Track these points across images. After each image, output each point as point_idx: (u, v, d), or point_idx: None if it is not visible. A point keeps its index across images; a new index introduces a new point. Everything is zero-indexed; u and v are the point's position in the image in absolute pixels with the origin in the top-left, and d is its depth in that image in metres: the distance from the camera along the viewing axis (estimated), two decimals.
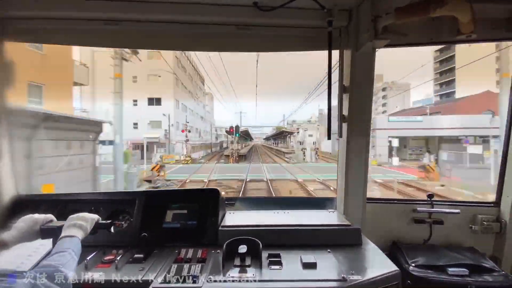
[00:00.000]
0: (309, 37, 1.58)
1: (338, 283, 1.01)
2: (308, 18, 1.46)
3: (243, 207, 1.80)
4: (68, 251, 0.88)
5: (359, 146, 1.65)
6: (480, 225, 1.78)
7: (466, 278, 1.43)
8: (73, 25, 1.49)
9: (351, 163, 1.67)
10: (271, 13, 1.39)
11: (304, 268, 1.10)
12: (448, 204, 1.85)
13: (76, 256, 0.90)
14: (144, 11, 1.42)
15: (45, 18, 1.45)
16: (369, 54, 1.52)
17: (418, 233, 1.82)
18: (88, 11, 1.42)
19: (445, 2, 1.21)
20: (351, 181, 1.69)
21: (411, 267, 1.51)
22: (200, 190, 1.60)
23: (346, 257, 1.19)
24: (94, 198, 1.58)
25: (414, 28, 1.47)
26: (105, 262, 1.11)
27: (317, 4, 1.34)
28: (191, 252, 1.20)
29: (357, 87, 1.58)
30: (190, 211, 1.41)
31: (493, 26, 1.47)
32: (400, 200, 1.93)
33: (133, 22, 1.49)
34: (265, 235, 1.25)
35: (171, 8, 1.41)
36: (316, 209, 1.74)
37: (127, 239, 1.25)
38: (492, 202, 1.86)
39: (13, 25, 1.46)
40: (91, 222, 1.08)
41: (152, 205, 1.43)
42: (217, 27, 1.52)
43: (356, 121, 1.62)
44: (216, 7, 1.42)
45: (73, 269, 0.86)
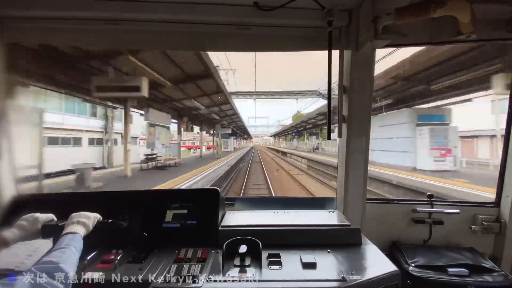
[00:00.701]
0: (309, 37, 1.58)
1: (338, 283, 1.01)
2: (308, 18, 1.46)
3: (243, 207, 1.80)
4: (69, 248, 0.88)
5: (359, 146, 1.65)
6: (480, 225, 1.78)
7: (466, 278, 1.43)
8: (73, 25, 1.49)
9: (351, 163, 1.67)
10: (271, 13, 1.39)
11: (304, 268, 1.10)
12: (448, 204, 1.85)
13: (77, 252, 0.90)
14: (144, 11, 1.42)
15: (45, 18, 1.45)
16: (369, 54, 1.53)
17: (417, 233, 1.82)
18: (88, 11, 1.42)
19: (445, 3, 1.22)
20: (351, 181, 1.69)
21: (411, 267, 1.52)
22: (200, 190, 1.60)
23: (346, 257, 1.19)
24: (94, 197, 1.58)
25: (414, 28, 1.48)
26: (105, 262, 1.11)
27: (317, 4, 1.35)
28: (191, 252, 1.20)
29: (357, 88, 1.58)
30: (190, 211, 1.41)
31: (493, 26, 1.47)
32: (400, 200, 1.93)
33: (133, 22, 1.49)
34: (265, 235, 1.25)
35: (171, 8, 1.41)
36: (316, 209, 1.74)
37: (127, 239, 1.25)
38: (492, 202, 1.87)
39: (13, 25, 1.47)
40: (93, 219, 1.09)
41: (152, 205, 1.43)
42: (217, 27, 1.52)
43: (356, 121, 1.62)
44: (216, 7, 1.42)
45: (74, 265, 0.86)
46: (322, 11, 1.39)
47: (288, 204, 1.84)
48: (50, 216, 1.09)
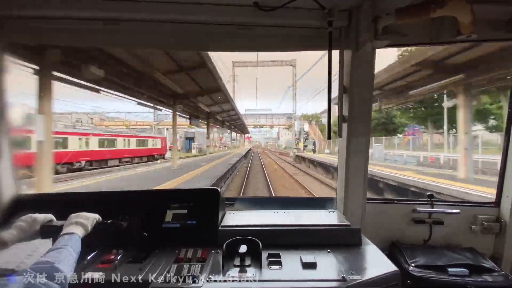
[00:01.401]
0: (309, 37, 1.58)
1: (338, 283, 1.01)
2: (308, 18, 1.46)
3: (243, 207, 1.80)
4: (65, 248, 0.88)
5: (359, 146, 1.65)
6: (480, 226, 1.78)
7: (466, 278, 1.43)
8: (73, 25, 1.50)
9: (351, 163, 1.67)
10: (271, 13, 1.39)
11: (304, 268, 1.10)
12: (448, 205, 1.85)
13: (74, 252, 0.90)
14: (144, 11, 1.42)
15: (45, 18, 1.45)
16: (369, 54, 1.53)
17: (418, 233, 1.82)
18: (88, 11, 1.42)
19: (445, 3, 1.22)
20: (351, 181, 1.69)
21: (411, 267, 1.52)
22: (200, 190, 1.60)
23: (346, 257, 1.19)
24: (94, 197, 1.58)
25: (414, 29, 1.48)
26: (104, 262, 1.11)
27: (317, 4, 1.35)
28: (191, 252, 1.20)
29: (357, 87, 1.58)
30: (190, 211, 1.41)
31: (493, 27, 1.47)
32: (400, 200, 1.93)
33: (133, 22, 1.49)
34: (265, 235, 1.25)
35: (172, 8, 1.41)
36: (316, 209, 1.74)
37: (127, 239, 1.25)
38: (492, 202, 1.87)
39: (13, 25, 1.47)
40: (92, 220, 1.08)
41: (152, 205, 1.43)
42: (218, 27, 1.53)
43: (356, 121, 1.62)
44: (217, 7, 1.42)
45: (71, 265, 0.85)
46: (322, 11, 1.39)
47: (288, 204, 1.84)
48: (49, 216, 1.09)
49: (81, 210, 1.09)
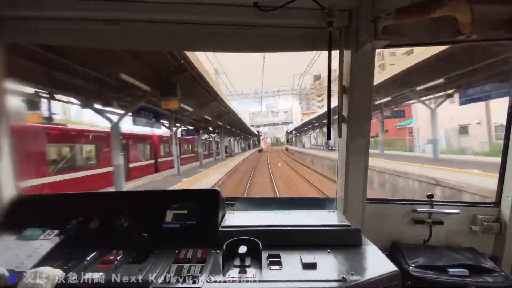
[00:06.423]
0: (309, 37, 1.58)
1: (338, 284, 1.01)
2: (308, 18, 1.46)
3: (243, 207, 1.80)
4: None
5: (359, 147, 1.65)
6: (480, 226, 1.78)
7: (466, 278, 1.43)
8: (73, 25, 1.49)
9: (351, 164, 1.67)
10: (271, 13, 1.39)
11: (304, 269, 1.10)
12: (448, 205, 1.85)
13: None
14: (144, 11, 1.42)
15: (45, 18, 1.45)
16: (369, 54, 1.53)
17: (418, 233, 1.82)
18: (88, 11, 1.42)
19: (445, 3, 1.22)
20: (351, 181, 1.69)
21: (411, 268, 1.52)
22: (200, 190, 1.60)
23: (346, 257, 1.19)
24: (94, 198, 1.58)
25: (414, 29, 1.48)
26: (105, 263, 1.11)
27: (317, 4, 1.35)
28: (191, 252, 1.20)
29: (357, 88, 1.58)
30: (190, 211, 1.41)
31: (493, 27, 1.47)
32: (400, 201, 1.93)
33: (133, 22, 1.49)
34: (265, 235, 1.25)
35: (171, 8, 1.41)
36: (316, 209, 1.74)
37: (127, 239, 1.25)
38: (492, 202, 1.87)
39: (13, 25, 1.46)
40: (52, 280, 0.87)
41: (152, 205, 1.43)
42: (217, 27, 1.52)
43: (356, 121, 1.62)
44: (216, 7, 1.42)
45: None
46: (322, 11, 1.39)
47: (288, 204, 1.84)
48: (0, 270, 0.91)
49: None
